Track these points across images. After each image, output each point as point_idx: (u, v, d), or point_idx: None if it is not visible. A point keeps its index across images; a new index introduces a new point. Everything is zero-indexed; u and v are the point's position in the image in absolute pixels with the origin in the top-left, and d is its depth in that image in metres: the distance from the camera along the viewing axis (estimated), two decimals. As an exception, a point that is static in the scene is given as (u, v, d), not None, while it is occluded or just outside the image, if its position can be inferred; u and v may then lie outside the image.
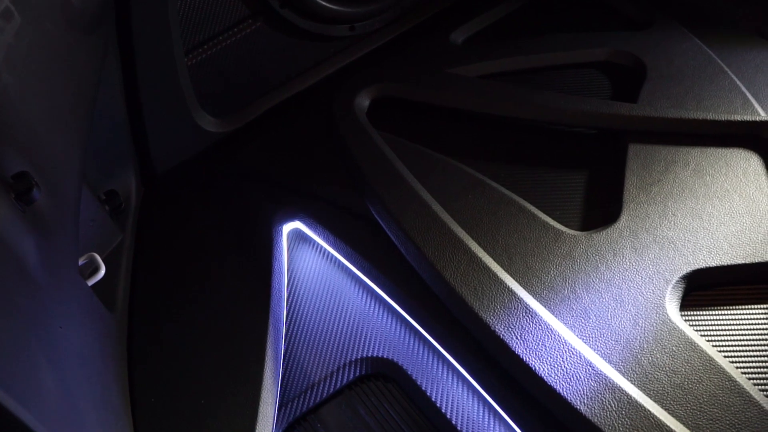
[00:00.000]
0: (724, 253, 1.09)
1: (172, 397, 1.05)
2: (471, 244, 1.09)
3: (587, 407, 0.92)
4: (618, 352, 0.98)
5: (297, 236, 1.28)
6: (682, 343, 0.99)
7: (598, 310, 1.03)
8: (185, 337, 1.11)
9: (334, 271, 1.23)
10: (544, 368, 0.95)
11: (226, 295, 1.16)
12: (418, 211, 1.15)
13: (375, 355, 1.11)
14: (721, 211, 1.15)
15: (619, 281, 1.06)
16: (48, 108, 0.92)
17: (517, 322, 1.00)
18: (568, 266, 1.08)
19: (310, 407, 1.09)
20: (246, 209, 1.29)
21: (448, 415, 1.04)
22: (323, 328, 1.15)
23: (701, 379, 0.95)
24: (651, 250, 1.10)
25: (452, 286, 1.04)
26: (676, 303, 1.05)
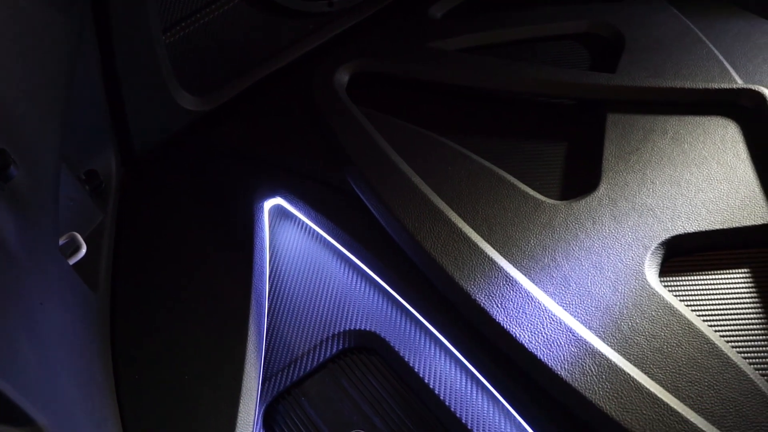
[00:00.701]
0: (702, 219, 1.09)
1: (155, 373, 1.05)
2: (451, 215, 1.09)
3: (568, 373, 0.92)
4: (598, 318, 0.98)
5: (278, 212, 1.28)
6: (662, 308, 0.99)
7: (578, 277, 1.03)
8: (168, 314, 1.11)
9: (315, 246, 1.23)
10: (525, 335, 0.95)
11: (208, 272, 1.15)
12: (398, 184, 1.14)
13: (358, 328, 1.11)
14: (699, 178, 1.15)
15: (599, 249, 1.06)
16: (24, 86, 0.91)
17: (497, 290, 1.00)
18: (548, 235, 1.08)
19: (294, 381, 1.08)
20: (227, 187, 1.28)
21: (431, 386, 1.04)
22: (306, 303, 1.15)
23: (680, 343, 0.96)
24: (630, 217, 1.10)
25: (432, 256, 1.04)
26: (655, 269, 1.05)
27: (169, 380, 1.04)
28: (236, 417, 1.00)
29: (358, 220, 1.18)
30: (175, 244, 1.21)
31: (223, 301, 1.11)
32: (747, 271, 1.07)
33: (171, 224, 1.24)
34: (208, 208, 1.25)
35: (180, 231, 1.23)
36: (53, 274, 0.94)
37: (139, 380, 1.05)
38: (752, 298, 1.04)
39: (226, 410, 1.00)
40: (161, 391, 1.03)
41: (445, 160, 1.21)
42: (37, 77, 0.95)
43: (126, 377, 1.05)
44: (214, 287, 1.13)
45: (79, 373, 0.95)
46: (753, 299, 1.04)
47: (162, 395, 1.02)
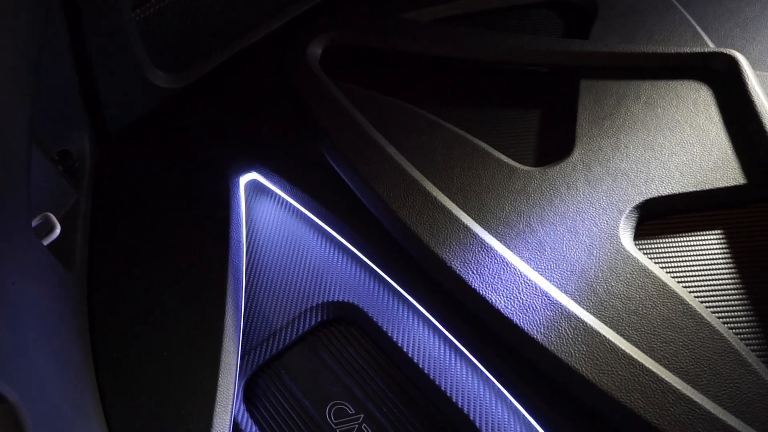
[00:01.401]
0: (676, 182, 1.09)
1: (134, 350, 1.04)
2: (426, 184, 1.08)
3: (544, 336, 0.91)
4: (573, 282, 0.98)
5: (255, 187, 1.26)
6: (636, 270, 0.99)
7: (553, 242, 1.02)
8: (145, 291, 1.10)
9: (292, 220, 1.22)
10: (501, 301, 0.95)
11: (185, 248, 1.14)
12: (372, 155, 1.13)
13: (336, 300, 1.10)
14: (672, 142, 1.14)
15: (574, 213, 1.06)
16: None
17: (473, 257, 0.99)
18: (522, 201, 1.07)
19: (274, 354, 1.08)
20: (202, 163, 1.26)
21: (410, 355, 1.03)
22: (283, 276, 1.14)
23: (655, 305, 0.95)
24: (604, 182, 1.09)
25: (408, 225, 1.03)
26: (630, 232, 1.05)
27: (147, 356, 1.03)
28: (215, 392, 0.99)
29: (334, 193, 1.17)
30: (151, 221, 1.19)
31: (201, 277, 1.10)
32: (720, 232, 1.07)
33: (147, 202, 1.23)
34: (184, 185, 1.23)
35: (156, 208, 1.21)
36: (26, 254, 0.92)
37: (117, 357, 1.04)
38: (726, 259, 1.04)
39: (205, 385, 0.99)
40: (140, 367, 1.02)
41: (419, 130, 1.20)
42: (4, 57, 0.93)
43: (104, 355, 1.04)
44: (191, 264, 1.12)
45: (56, 352, 0.94)
46: (726, 260, 1.04)
47: (140, 372, 1.02)
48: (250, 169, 1.25)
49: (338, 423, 1.02)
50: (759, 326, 0.97)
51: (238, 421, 1.01)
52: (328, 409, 1.03)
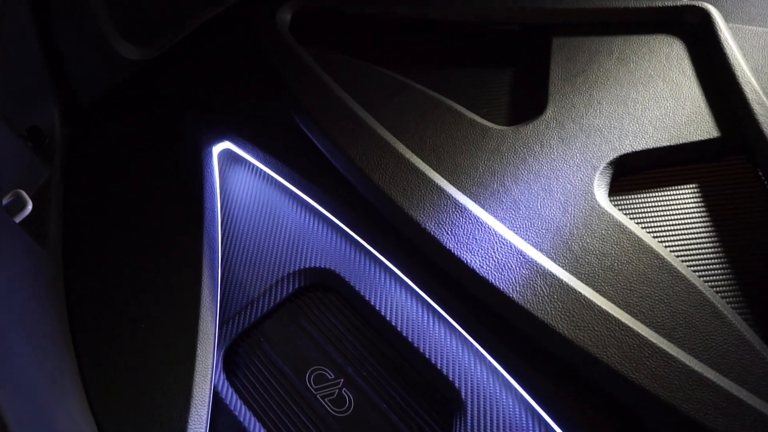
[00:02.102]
0: (650, 137, 1.07)
1: (111, 324, 1.02)
2: (398, 147, 1.06)
3: (519, 294, 0.90)
4: (549, 240, 0.97)
5: (228, 157, 1.24)
6: (611, 226, 0.97)
7: (527, 201, 1.01)
8: (121, 265, 1.08)
9: (266, 188, 1.19)
10: (476, 260, 0.93)
11: (159, 220, 1.12)
12: (344, 118, 1.11)
13: (313, 266, 1.08)
14: (645, 97, 1.13)
15: (548, 171, 1.04)
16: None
17: (447, 218, 0.98)
18: (496, 161, 1.05)
19: (252, 323, 1.06)
20: (174, 134, 1.23)
21: (388, 318, 1.02)
22: (259, 244, 1.12)
23: (631, 260, 0.94)
24: (578, 139, 1.07)
25: (381, 188, 1.01)
26: (605, 189, 1.03)
27: (125, 330, 1.01)
28: (194, 362, 0.98)
29: (307, 159, 1.15)
30: (125, 194, 1.17)
31: (176, 248, 1.08)
32: (695, 186, 1.06)
33: (119, 175, 1.20)
34: (157, 157, 1.21)
35: (129, 181, 1.19)
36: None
37: (95, 333, 1.02)
38: (700, 213, 1.03)
39: (184, 356, 0.98)
40: (118, 341, 1.00)
41: (391, 92, 1.17)
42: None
43: (82, 331, 1.02)
44: (166, 235, 1.10)
45: (31, 330, 0.92)
46: (701, 213, 1.02)
47: (118, 345, 1.00)
48: (222, 138, 1.23)
49: (318, 388, 1.01)
50: (734, 278, 0.96)
51: (218, 390, 1.00)
52: (308, 375, 1.02)
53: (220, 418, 0.98)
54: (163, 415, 0.94)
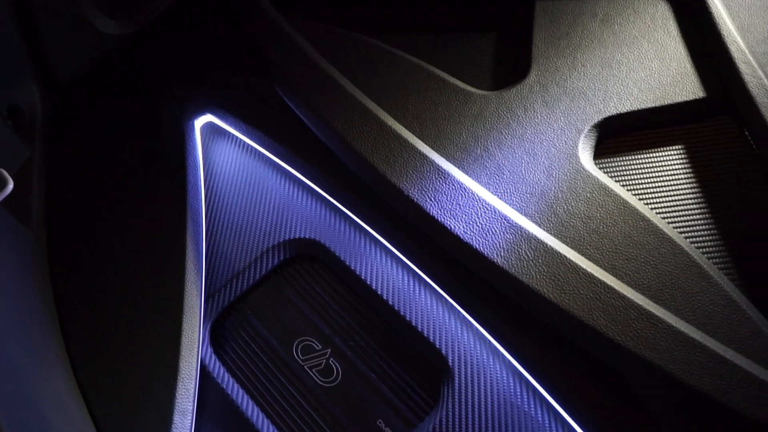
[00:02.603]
0: (635, 99, 1.05)
1: (97, 301, 1.01)
2: (381, 114, 1.04)
3: (504, 259, 0.89)
4: (533, 204, 0.95)
5: (211, 130, 1.22)
6: (597, 189, 0.96)
7: (511, 165, 0.99)
8: (105, 241, 1.06)
9: (250, 160, 1.17)
10: (460, 226, 0.92)
11: (143, 195, 1.10)
12: (325, 87, 1.09)
13: (298, 237, 1.07)
14: (630, 58, 1.10)
15: (532, 135, 1.02)
16: None
17: (430, 184, 0.96)
18: (480, 126, 1.03)
19: (238, 295, 1.05)
20: (156, 109, 1.21)
21: (374, 287, 1.01)
22: (244, 217, 1.10)
23: (616, 222, 0.93)
24: (562, 102, 1.05)
25: (364, 156, 0.99)
26: (590, 151, 1.02)
27: (110, 306, 1.00)
28: (180, 336, 0.96)
29: (290, 129, 1.13)
30: (108, 170, 1.15)
31: (160, 222, 1.06)
32: (680, 147, 1.04)
33: (102, 151, 1.18)
34: (139, 132, 1.19)
35: (111, 157, 1.17)
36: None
37: (81, 309, 1.00)
38: (686, 174, 1.01)
39: (169, 330, 0.97)
40: (103, 318, 0.99)
41: (372, 60, 1.15)
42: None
43: (67, 307, 1.01)
44: (150, 210, 1.08)
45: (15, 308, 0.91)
46: (687, 175, 1.01)
47: (104, 322, 0.99)
48: (204, 111, 1.21)
49: (306, 359, 1.00)
50: (720, 239, 0.95)
51: (205, 363, 0.98)
52: (295, 346, 1.01)
53: (208, 391, 0.96)
54: (150, 389, 0.93)
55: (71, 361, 0.97)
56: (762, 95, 1.00)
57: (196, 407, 0.95)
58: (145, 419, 0.91)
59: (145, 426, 0.91)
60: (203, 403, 0.96)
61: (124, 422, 0.91)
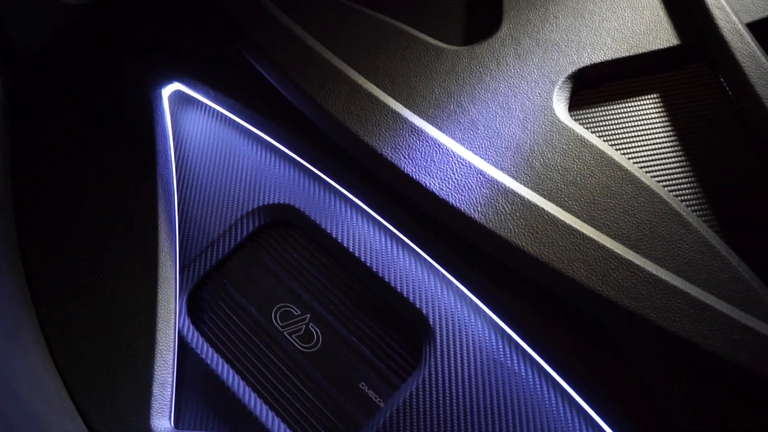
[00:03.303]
0: (608, 49, 1.03)
1: (69, 277, 0.98)
2: (351, 74, 1.01)
3: (481, 214, 0.86)
4: (509, 158, 0.93)
5: (179, 98, 1.18)
6: (573, 140, 0.94)
7: (485, 120, 0.96)
8: (75, 215, 1.03)
9: (220, 127, 1.14)
10: (435, 183, 0.89)
11: (111, 167, 1.07)
12: (293, 48, 1.05)
13: (272, 203, 1.04)
14: (602, 8, 1.08)
15: (505, 89, 0.99)
16: None
17: (403, 142, 0.93)
18: (452, 82, 1.01)
19: (214, 265, 1.02)
20: (121, 79, 1.17)
21: (351, 250, 0.98)
22: (216, 185, 1.07)
23: (593, 173, 0.91)
24: (535, 54, 1.03)
25: (335, 116, 0.96)
26: (564, 103, 0.99)
27: (83, 282, 0.97)
28: (156, 308, 0.94)
29: (260, 94, 1.09)
30: (74, 143, 1.11)
31: (130, 194, 1.03)
32: (656, 96, 1.02)
33: (67, 124, 1.14)
34: (105, 103, 1.15)
35: (77, 129, 1.13)
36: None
37: (52, 286, 0.98)
38: (662, 123, 0.99)
39: (145, 303, 0.94)
40: (77, 294, 0.96)
41: (340, 19, 1.11)
42: None
43: (39, 283, 0.98)
44: (119, 181, 1.05)
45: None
46: (663, 123, 0.99)
47: (78, 298, 0.96)
48: (171, 79, 1.17)
49: (285, 326, 0.98)
50: (698, 186, 0.93)
51: (183, 335, 0.96)
52: (273, 313, 0.99)
53: (187, 363, 0.94)
54: (127, 363, 0.91)
55: (46, 338, 0.95)
56: (736, 40, 0.99)
57: (176, 379, 0.93)
58: (123, 393, 0.89)
59: (124, 400, 0.88)
60: (183, 374, 0.94)
61: (102, 397, 0.89)
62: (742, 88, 0.97)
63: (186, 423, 0.91)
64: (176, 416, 0.91)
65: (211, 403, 0.91)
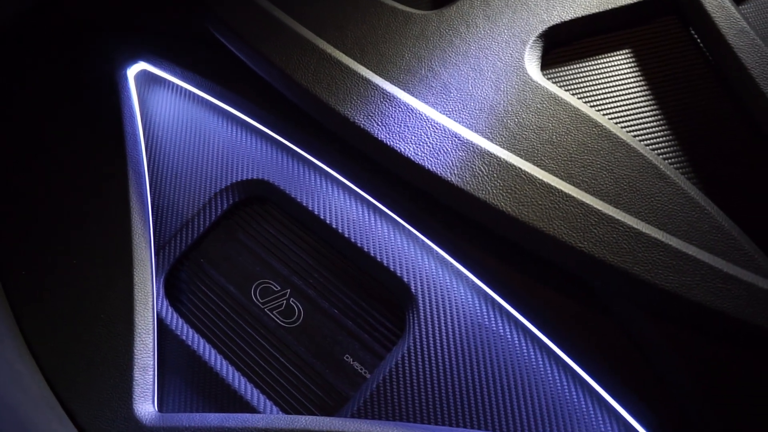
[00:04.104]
0: (578, 5, 1.01)
1: (41, 265, 0.95)
2: (319, 43, 0.98)
3: (458, 177, 0.85)
4: (483, 120, 0.91)
5: (145, 78, 1.14)
6: (546, 99, 0.92)
7: (457, 83, 0.94)
8: (44, 203, 1.00)
9: (189, 105, 1.11)
10: (410, 148, 0.87)
11: (79, 151, 1.04)
12: (259, 21, 1.02)
13: (245, 179, 1.01)
14: (570, -35, 1.05)
15: (476, 51, 0.97)
16: None
17: (376, 109, 0.91)
18: (422, 46, 0.98)
19: (190, 245, 1.00)
20: (85, 60, 1.13)
21: (328, 221, 0.96)
22: (188, 164, 1.05)
23: (569, 131, 0.89)
24: (504, 14, 1.00)
25: (305, 87, 0.94)
26: (536, 62, 0.97)
27: (56, 270, 0.94)
28: (132, 291, 0.91)
29: (228, 69, 1.06)
30: (40, 127, 1.07)
31: (100, 177, 1.00)
32: (628, 51, 1.00)
33: (32, 107, 1.10)
34: (69, 86, 1.11)
35: (43, 113, 1.09)
36: None
37: (25, 274, 0.95)
38: (635, 77, 0.98)
39: (121, 287, 0.92)
40: (50, 282, 0.94)
41: (306, -12, 1.08)
42: None
43: (10, 274, 0.95)
44: (88, 165, 1.02)
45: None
46: (636, 78, 0.97)
47: (52, 285, 0.93)
48: (136, 59, 1.13)
49: (266, 302, 0.96)
50: (673, 139, 0.92)
51: (162, 317, 0.94)
52: (253, 290, 0.97)
53: (168, 345, 0.92)
54: (106, 349, 0.88)
55: (21, 329, 0.92)
56: (705, -9, 0.97)
57: (157, 362, 0.90)
58: (104, 380, 0.87)
59: (105, 386, 0.86)
60: (164, 357, 0.92)
61: (82, 386, 0.86)
62: (712, 40, 0.95)
63: (171, 406, 0.89)
64: (160, 400, 0.89)
65: (195, 384, 0.89)
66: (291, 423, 0.81)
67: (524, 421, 0.83)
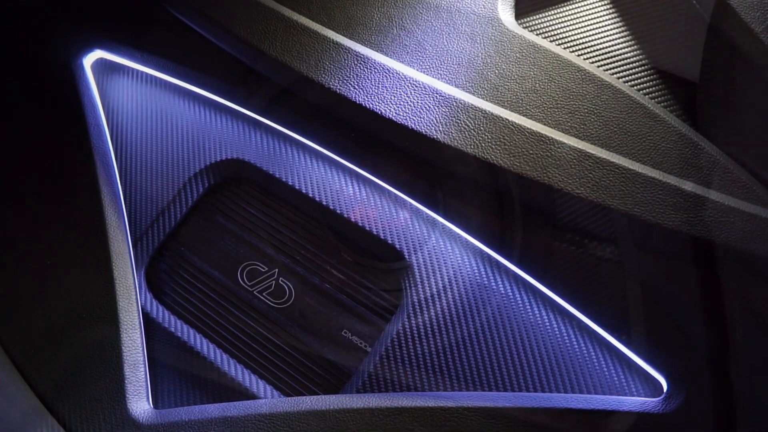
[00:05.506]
0: (545, -50, 0.96)
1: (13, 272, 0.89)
2: (283, 11, 0.93)
3: (444, 134, 0.80)
4: (462, 74, 0.86)
5: (104, 66, 1.08)
6: (525, 48, 0.88)
7: (432, 39, 0.90)
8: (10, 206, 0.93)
9: (152, 89, 1.05)
10: (390, 109, 0.83)
11: (42, 148, 0.97)
12: (219, -6, 0.96)
13: (219, 160, 0.96)
14: None
15: (448, 5, 0.93)
16: None
17: (351, 72, 0.86)
18: (391, 5, 0.94)
19: (168, 233, 0.94)
20: (38, 51, 1.06)
21: (310, 195, 0.91)
22: (158, 150, 0.99)
23: (551, 78, 0.85)
24: (472, -35, 0.96)
25: (274, 57, 0.88)
26: (510, 11, 0.93)
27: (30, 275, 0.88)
28: (114, 287, 0.86)
29: (191, 48, 1.00)
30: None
31: (67, 173, 0.95)
32: (601, -7, 0.96)
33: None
34: (23, 80, 1.04)
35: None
36: None
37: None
38: (611, 18, 0.94)
39: (101, 284, 0.87)
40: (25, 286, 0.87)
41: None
42: None
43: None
44: (53, 162, 0.96)
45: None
46: (612, 18, 0.94)
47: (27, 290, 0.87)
48: (92, 47, 1.07)
49: (254, 284, 0.91)
50: (658, 77, 0.89)
51: (147, 311, 0.88)
52: (239, 274, 0.92)
53: (157, 339, 0.87)
54: (93, 349, 0.83)
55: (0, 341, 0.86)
56: None
57: (147, 357, 0.85)
58: (93, 382, 0.81)
59: (95, 389, 0.81)
60: (154, 352, 0.87)
61: (71, 391, 0.81)
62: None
63: (167, 402, 0.84)
64: (154, 397, 0.84)
65: (189, 377, 0.84)
66: (296, 405, 0.76)
67: (534, 376, 0.80)
